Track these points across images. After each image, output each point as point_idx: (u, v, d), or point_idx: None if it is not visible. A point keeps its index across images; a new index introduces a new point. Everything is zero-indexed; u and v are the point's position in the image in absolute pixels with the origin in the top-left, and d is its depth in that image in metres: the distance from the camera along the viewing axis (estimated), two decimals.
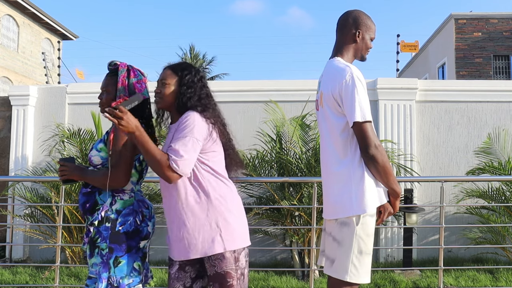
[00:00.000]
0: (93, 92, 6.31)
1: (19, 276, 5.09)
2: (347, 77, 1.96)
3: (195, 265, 2.03)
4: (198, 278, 2.05)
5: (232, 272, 1.94)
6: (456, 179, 5.70)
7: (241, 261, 1.97)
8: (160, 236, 6.12)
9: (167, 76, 2.04)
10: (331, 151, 2.07)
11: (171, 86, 2.03)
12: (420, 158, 6.08)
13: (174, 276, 2.03)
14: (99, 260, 1.98)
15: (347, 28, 2.13)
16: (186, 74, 2.05)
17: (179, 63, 2.11)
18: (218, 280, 1.93)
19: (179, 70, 2.06)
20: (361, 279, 1.99)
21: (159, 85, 2.05)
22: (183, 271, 2.02)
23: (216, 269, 1.93)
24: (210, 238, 1.93)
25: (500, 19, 15.84)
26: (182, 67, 2.08)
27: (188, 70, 2.07)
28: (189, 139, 1.90)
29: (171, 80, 2.04)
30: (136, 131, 1.85)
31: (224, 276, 1.93)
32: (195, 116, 1.95)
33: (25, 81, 17.66)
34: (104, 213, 1.99)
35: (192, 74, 2.06)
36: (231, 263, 1.94)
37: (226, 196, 1.99)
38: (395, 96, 6.07)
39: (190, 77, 2.04)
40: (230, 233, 1.95)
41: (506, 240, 5.24)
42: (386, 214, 2.09)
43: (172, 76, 2.04)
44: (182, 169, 1.89)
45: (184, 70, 2.06)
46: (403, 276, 4.90)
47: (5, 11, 17.02)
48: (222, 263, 1.93)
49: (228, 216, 1.97)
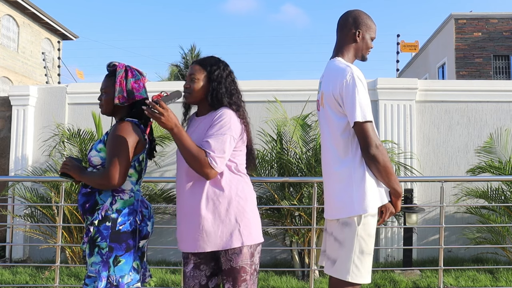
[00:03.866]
0: (93, 92, 6.33)
1: (19, 276, 5.09)
2: (348, 77, 1.96)
3: (209, 263, 2.04)
4: (213, 276, 2.06)
5: (247, 267, 1.96)
6: (456, 179, 5.70)
7: (255, 257, 2.00)
8: (160, 236, 6.16)
9: (196, 71, 2.06)
10: (332, 151, 2.07)
11: (200, 81, 2.05)
12: (420, 158, 6.08)
13: (189, 274, 2.02)
14: (98, 259, 1.99)
15: (347, 27, 2.14)
16: (215, 69, 2.07)
17: (207, 58, 2.13)
18: (232, 275, 1.95)
19: (208, 65, 2.08)
20: (362, 279, 1.99)
21: (188, 81, 2.07)
22: (198, 270, 2.02)
23: (231, 264, 1.95)
24: (229, 232, 1.95)
25: (500, 19, 15.84)
26: (211, 62, 2.10)
27: (217, 65, 2.09)
28: (227, 137, 1.94)
29: (200, 75, 2.06)
30: (175, 128, 1.88)
31: (239, 271, 1.95)
32: (232, 115, 1.99)
33: (25, 81, 17.66)
34: (104, 213, 2.00)
35: (221, 69, 2.08)
36: (246, 258, 1.96)
37: (245, 193, 2.03)
38: (395, 96, 6.07)
39: (219, 72, 2.07)
40: (248, 228, 1.98)
41: (506, 240, 5.24)
42: (388, 214, 2.09)
43: (201, 71, 2.06)
44: (220, 166, 1.93)
45: (213, 65, 2.08)
46: (403, 276, 4.90)
47: (5, 11, 17.02)
48: (239, 257, 1.95)
49: (247, 212, 2.00)
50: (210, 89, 2.05)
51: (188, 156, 1.90)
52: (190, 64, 2.10)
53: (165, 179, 6.15)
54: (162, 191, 5.88)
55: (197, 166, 1.90)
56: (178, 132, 1.89)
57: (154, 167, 6.11)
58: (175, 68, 25.89)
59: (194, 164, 1.90)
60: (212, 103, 2.04)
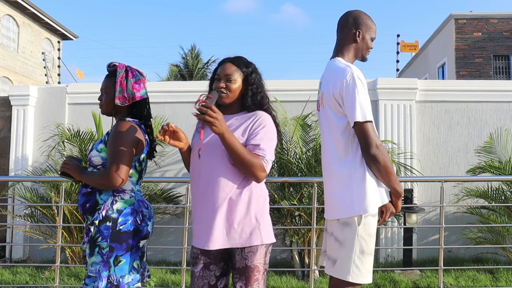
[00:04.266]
0: (93, 92, 6.33)
1: (19, 276, 5.09)
2: (348, 77, 1.96)
3: (219, 263, 2.03)
4: (223, 276, 2.05)
5: (260, 266, 1.97)
6: (456, 179, 5.70)
7: (267, 256, 2.02)
8: (160, 236, 6.16)
9: (233, 72, 2.05)
10: (332, 151, 2.07)
11: (237, 82, 2.05)
12: (420, 158, 6.08)
13: (198, 274, 2.01)
14: (99, 259, 1.99)
15: (348, 28, 2.14)
16: (251, 71, 2.08)
17: (239, 58, 2.11)
18: (246, 273, 1.95)
19: (243, 66, 2.08)
20: (363, 279, 1.99)
21: (224, 80, 2.05)
22: (207, 270, 2.01)
23: (246, 262, 1.95)
24: (249, 230, 1.96)
25: (500, 19, 15.84)
26: (245, 62, 2.10)
27: (251, 66, 2.10)
28: (274, 142, 2.03)
29: (236, 75, 2.05)
30: (226, 132, 1.86)
31: (253, 270, 1.95)
32: (271, 120, 2.05)
33: (25, 81, 17.66)
34: (105, 213, 2.00)
35: (256, 72, 2.10)
36: (261, 257, 1.98)
37: (263, 192, 2.06)
38: (395, 96, 6.07)
39: (256, 75, 2.09)
40: (266, 227, 2.00)
41: (506, 240, 5.24)
42: (388, 214, 2.08)
43: (238, 72, 2.06)
44: (269, 169, 1.97)
45: (248, 67, 2.09)
46: (403, 276, 4.90)
47: (5, 11, 17.02)
48: (254, 256, 1.96)
49: (265, 211, 2.03)
50: (249, 91, 2.06)
51: (241, 160, 1.90)
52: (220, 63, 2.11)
53: (165, 179, 6.16)
54: (162, 191, 5.88)
55: (251, 170, 1.92)
56: (230, 136, 1.87)
57: (154, 167, 6.11)
58: (175, 68, 25.91)
59: (248, 168, 1.92)
60: (253, 106, 2.06)
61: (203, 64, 26.49)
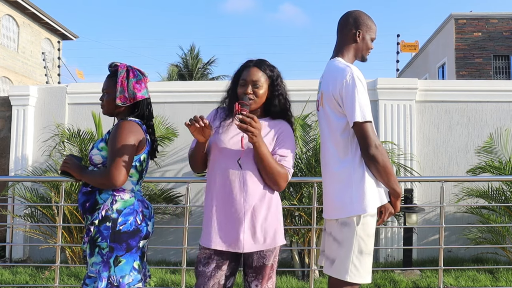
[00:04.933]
0: (93, 92, 6.33)
1: (19, 276, 5.09)
2: (348, 77, 1.96)
3: (231, 263, 2.05)
4: (232, 276, 2.07)
5: (275, 265, 2.05)
6: (456, 179, 5.69)
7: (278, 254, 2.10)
8: (160, 236, 6.16)
9: (260, 78, 2.04)
10: (331, 151, 2.07)
11: (264, 87, 2.06)
12: (420, 158, 6.08)
13: (209, 274, 2.01)
14: (99, 259, 1.98)
15: (348, 28, 2.14)
16: (276, 77, 2.09)
17: (264, 62, 2.10)
18: (262, 272, 2.01)
19: (268, 71, 2.08)
20: (361, 279, 1.99)
21: (252, 86, 2.03)
22: (219, 270, 2.02)
23: (264, 261, 2.00)
24: (273, 232, 2.01)
25: (500, 19, 15.84)
26: (269, 67, 2.09)
27: (276, 71, 2.10)
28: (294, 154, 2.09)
29: (263, 81, 2.05)
30: (261, 142, 1.92)
31: (269, 268, 2.02)
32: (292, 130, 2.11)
33: (25, 81, 17.66)
34: (104, 212, 2.00)
35: (280, 76, 2.11)
36: (276, 256, 2.05)
37: (278, 195, 2.11)
38: (395, 96, 6.07)
39: (281, 80, 2.10)
40: (283, 228, 2.07)
41: (506, 240, 5.24)
42: (387, 215, 2.09)
43: (264, 77, 2.06)
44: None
45: (273, 71, 2.09)
46: (403, 276, 4.90)
47: (5, 11, 17.02)
48: (272, 255, 2.02)
49: (281, 211, 2.09)
50: (275, 97, 2.07)
51: (271, 169, 1.95)
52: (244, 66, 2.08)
53: (165, 179, 6.16)
54: (162, 191, 5.88)
55: (277, 179, 1.98)
56: (263, 147, 1.93)
57: (154, 167, 6.10)
58: (175, 68, 25.90)
59: (275, 177, 1.97)
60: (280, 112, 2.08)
61: (202, 64, 26.48)
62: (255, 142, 1.88)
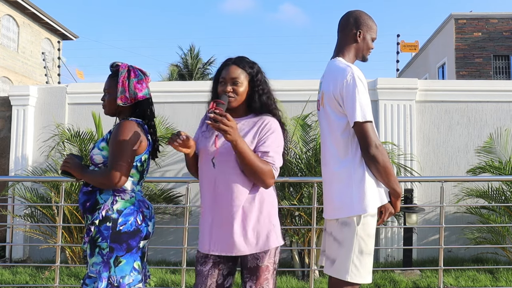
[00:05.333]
0: (93, 92, 6.33)
1: (19, 276, 5.09)
2: (348, 77, 1.96)
3: (228, 262, 2.04)
4: (230, 275, 2.06)
5: (270, 266, 2.00)
6: (456, 179, 5.69)
7: (276, 256, 2.04)
8: (160, 236, 6.16)
9: (239, 75, 2.01)
10: (332, 151, 2.07)
11: (243, 85, 2.02)
12: (420, 158, 6.08)
13: (207, 273, 2.01)
14: (99, 260, 1.98)
15: (348, 28, 2.14)
16: (256, 72, 2.05)
17: (243, 59, 2.07)
18: (256, 273, 1.98)
19: (248, 67, 2.04)
20: (362, 279, 1.99)
21: (231, 84, 2.01)
22: (216, 269, 2.02)
23: (258, 262, 1.98)
24: (265, 234, 1.98)
25: (500, 19, 15.84)
26: (249, 64, 2.06)
27: (256, 67, 2.07)
28: (282, 148, 2.01)
29: (243, 78, 2.02)
30: (239, 140, 1.85)
31: (264, 270, 1.98)
32: (279, 125, 2.03)
33: (25, 81, 17.66)
34: (105, 213, 2.00)
35: (261, 72, 2.07)
36: (271, 257, 2.01)
37: (273, 195, 2.07)
38: (395, 96, 6.07)
39: (261, 76, 2.06)
40: (278, 229, 2.03)
41: (506, 240, 5.24)
42: (387, 215, 2.09)
43: (243, 74, 2.02)
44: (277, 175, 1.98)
45: (252, 67, 2.05)
46: (403, 276, 4.90)
47: (5, 11, 17.01)
48: (266, 256, 1.99)
49: (276, 213, 2.04)
50: (255, 93, 2.03)
51: (253, 167, 1.89)
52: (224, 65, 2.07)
53: (165, 179, 6.16)
54: (162, 191, 5.88)
55: (261, 177, 1.91)
56: (242, 144, 1.86)
57: (154, 167, 6.10)
58: (175, 68, 25.91)
59: (259, 175, 1.91)
60: (260, 107, 2.03)
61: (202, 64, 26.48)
62: (231, 140, 1.82)
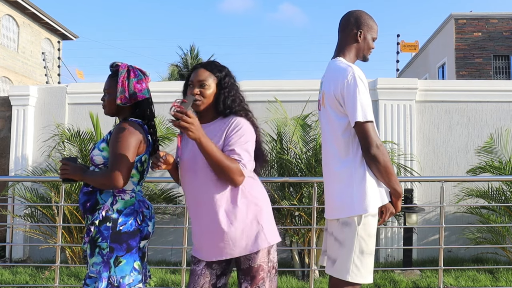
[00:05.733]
0: (93, 92, 6.33)
1: (19, 276, 5.09)
2: (349, 77, 1.96)
3: (222, 262, 2.04)
4: (223, 275, 2.06)
5: (264, 265, 1.98)
6: (456, 179, 5.70)
7: (272, 254, 2.02)
8: (160, 236, 6.16)
9: (206, 77, 2.02)
10: (332, 151, 2.07)
11: (211, 88, 2.03)
12: (420, 158, 6.08)
13: (200, 272, 2.02)
14: (99, 260, 1.98)
15: (349, 28, 2.14)
16: (225, 75, 2.06)
17: (212, 63, 2.09)
18: (251, 274, 1.97)
19: (216, 71, 2.05)
20: (362, 279, 1.99)
21: (198, 86, 2.02)
22: (210, 268, 2.02)
23: (250, 263, 1.97)
24: (254, 234, 1.96)
25: (500, 19, 15.84)
26: (218, 67, 2.07)
27: (225, 71, 2.08)
28: (250, 144, 1.97)
29: (210, 81, 2.03)
30: (202, 138, 1.82)
31: (257, 269, 1.97)
32: (245, 122, 2.01)
33: (25, 81, 17.66)
34: (105, 213, 2.00)
35: (229, 75, 2.08)
36: (264, 257, 1.98)
37: (260, 193, 2.04)
38: (395, 96, 6.07)
39: (229, 79, 2.06)
40: (269, 228, 2.01)
41: (506, 240, 5.24)
42: (388, 214, 2.08)
43: (211, 77, 2.03)
44: (249, 173, 1.96)
45: (221, 71, 2.06)
46: (403, 276, 4.90)
47: (5, 11, 17.01)
48: (258, 256, 1.97)
49: (265, 213, 2.02)
50: (221, 96, 2.02)
51: (220, 165, 1.86)
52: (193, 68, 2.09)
53: (165, 179, 6.14)
54: (162, 191, 5.88)
55: (229, 174, 1.88)
56: (206, 141, 1.84)
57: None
58: (175, 68, 25.92)
59: (227, 172, 1.88)
60: (224, 110, 2.02)
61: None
62: (195, 138, 1.80)
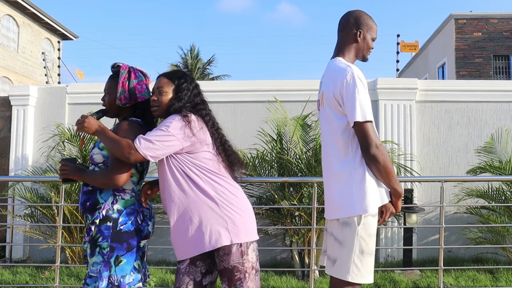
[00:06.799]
0: (93, 92, 6.33)
1: (19, 276, 5.09)
2: (348, 77, 1.97)
3: (206, 260, 2.05)
4: (208, 273, 2.08)
5: (239, 266, 1.98)
6: (456, 179, 5.70)
7: (250, 255, 2.01)
8: (160, 236, 6.15)
9: (164, 84, 2.08)
10: (332, 151, 2.07)
11: (169, 94, 2.08)
12: (420, 158, 6.08)
13: (184, 270, 2.03)
14: (100, 259, 1.99)
15: (348, 28, 2.14)
16: (183, 82, 2.09)
17: (175, 71, 2.16)
18: (226, 275, 1.99)
19: (176, 79, 2.10)
20: (363, 279, 1.99)
21: (156, 93, 2.09)
22: (194, 266, 2.04)
23: (224, 264, 1.98)
24: (217, 231, 1.97)
25: (500, 19, 15.84)
26: (178, 75, 2.12)
27: (184, 78, 2.12)
28: (160, 131, 1.98)
29: (168, 88, 2.08)
30: (98, 128, 2.01)
31: (232, 271, 1.98)
32: (174, 117, 2.01)
33: (25, 81, 17.66)
34: (105, 212, 2.00)
35: (188, 82, 2.11)
36: (237, 257, 1.98)
37: (228, 193, 2.03)
38: (395, 96, 6.07)
39: (186, 85, 2.10)
40: (235, 227, 1.99)
41: (506, 240, 5.24)
42: (388, 214, 2.08)
43: (169, 84, 2.09)
44: (143, 148, 1.94)
45: (181, 79, 2.10)
46: (403, 276, 4.90)
47: (5, 11, 17.02)
48: (229, 257, 1.97)
49: (234, 210, 2.01)
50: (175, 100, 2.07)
51: (113, 144, 1.96)
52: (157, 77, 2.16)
53: None
54: None
55: (120, 150, 1.94)
56: (102, 130, 2.00)
57: (154, 167, 6.08)
58: (175, 68, 25.94)
59: (118, 149, 1.95)
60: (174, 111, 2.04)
61: (202, 63, 26.50)
62: (93, 133, 2.01)
